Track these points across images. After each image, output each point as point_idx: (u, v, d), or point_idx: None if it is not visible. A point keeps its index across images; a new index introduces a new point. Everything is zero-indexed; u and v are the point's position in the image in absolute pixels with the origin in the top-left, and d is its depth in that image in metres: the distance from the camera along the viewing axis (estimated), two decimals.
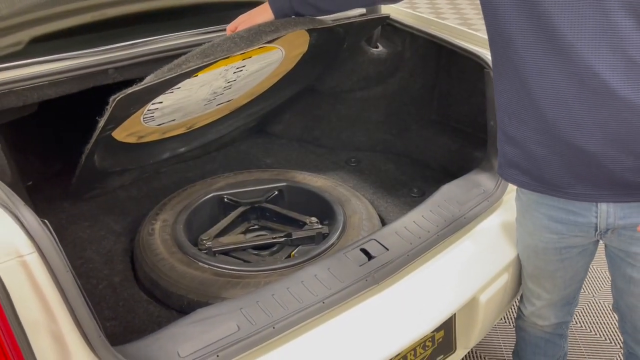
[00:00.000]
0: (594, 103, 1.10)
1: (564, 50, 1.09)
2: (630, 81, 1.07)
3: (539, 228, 1.37)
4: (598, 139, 1.13)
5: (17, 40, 1.57)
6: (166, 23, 1.72)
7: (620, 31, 1.04)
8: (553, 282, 1.46)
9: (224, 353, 1.13)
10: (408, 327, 1.31)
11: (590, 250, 1.41)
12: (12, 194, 0.98)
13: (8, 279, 0.93)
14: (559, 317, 1.56)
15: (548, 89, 1.14)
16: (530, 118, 1.20)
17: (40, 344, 0.97)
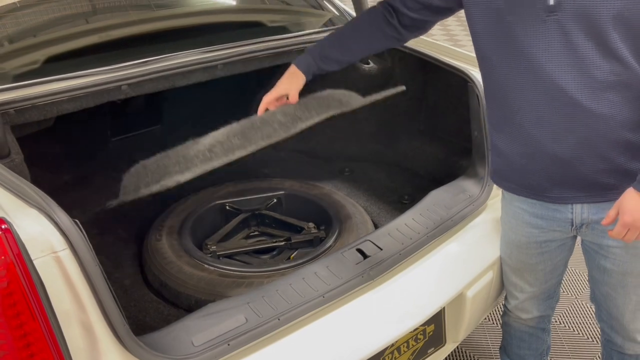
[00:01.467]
0: (565, 114, 1.25)
1: (536, 71, 1.25)
2: (592, 95, 1.21)
3: (521, 223, 1.50)
4: (572, 145, 1.28)
5: (34, 59, 1.68)
6: (174, 42, 1.83)
7: (582, 53, 1.19)
8: (535, 275, 1.58)
9: (235, 342, 1.24)
10: (401, 319, 1.43)
11: (569, 246, 1.53)
12: (47, 198, 1.09)
13: (44, 272, 1.03)
14: (540, 310, 1.67)
15: (525, 105, 1.30)
16: (510, 130, 1.36)
17: (71, 333, 1.07)
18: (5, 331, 0.99)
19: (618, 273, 1.42)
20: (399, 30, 1.52)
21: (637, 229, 1.24)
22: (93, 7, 1.91)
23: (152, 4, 2.05)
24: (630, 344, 1.54)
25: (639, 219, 1.23)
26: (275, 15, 2.33)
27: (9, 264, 0.98)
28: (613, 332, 1.55)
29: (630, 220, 1.23)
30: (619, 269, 1.41)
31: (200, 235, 1.92)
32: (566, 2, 1.18)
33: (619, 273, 1.42)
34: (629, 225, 1.24)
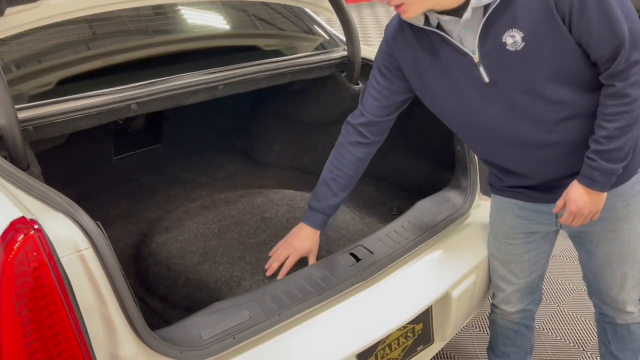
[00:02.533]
0: (530, 154, 1.47)
1: (493, 131, 1.47)
2: (547, 133, 1.42)
3: (511, 215, 1.66)
4: (543, 172, 1.51)
5: (50, 80, 1.82)
6: (178, 65, 1.98)
7: (528, 109, 1.39)
8: (521, 266, 1.73)
9: (239, 336, 1.35)
10: (391, 316, 1.55)
11: (551, 238, 1.70)
12: (72, 203, 1.21)
13: (69, 269, 1.14)
14: (524, 303, 1.81)
15: (492, 154, 1.57)
16: (492, 163, 1.62)
17: (92, 324, 1.18)
18: (37, 320, 1.10)
19: (603, 253, 1.60)
20: (373, 141, 1.70)
21: (581, 216, 1.45)
22: (103, 33, 2.06)
23: (155, 30, 2.20)
24: (620, 314, 1.71)
25: (583, 207, 1.43)
26: (270, 40, 2.49)
27: (41, 260, 1.09)
28: (604, 305, 1.72)
29: (576, 208, 1.44)
30: (603, 249, 1.59)
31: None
32: (498, 77, 1.37)
33: (603, 253, 1.60)
34: (575, 212, 1.45)
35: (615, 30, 1.26)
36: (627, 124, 1.33)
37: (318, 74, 2.29)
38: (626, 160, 1.41)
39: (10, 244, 1.08)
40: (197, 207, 2.20)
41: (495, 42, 1.33)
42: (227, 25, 2.49)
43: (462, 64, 1.40)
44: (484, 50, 1.35)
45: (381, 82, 1.60)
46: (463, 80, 1.42)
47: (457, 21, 1.35)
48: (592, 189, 1.42)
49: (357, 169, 1.73)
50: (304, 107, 2.58)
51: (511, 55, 1.32)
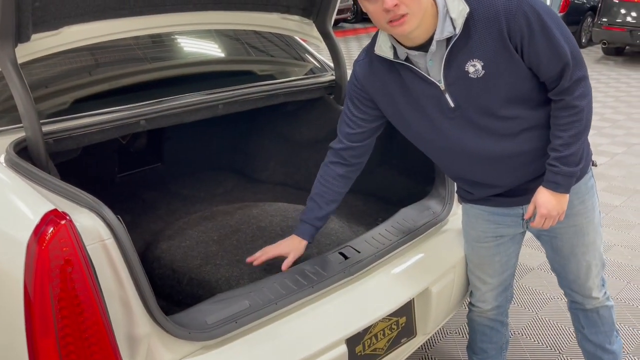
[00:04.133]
0: (497, 166, 1.65)
1: (457, 146, 1.64)
2: (512, 146, 1.61)
3: (481, 220, 1.84)
4: (509, 179, 1.69)
5: (65, 100, 2.01)
6: (182, 86, 2.18)
7: (491, 128, 1.58)
8: (493, 266, 1.90)
9: (241, 321, 1.51)
10: (377, 307, 1.72)
11: (518, 239, 1.88)
12: (96, 199, 1.38)
13: (94, 256, 1.31)
14: (498, 300, 1.99)
15: (461, 172, 1.76)
16: (464, 181, 1.81)
17: (113, 306, 1.34)
18: (67, 299, 1.26)
19: (567, 247, 1.79)
20: (353, 163, 1.86)
21: (551, 217, 1.62)
22: (114, 58, 2.26)
23: (161, 56, 2.40)
24: (588, 300, 1.90)
25: (551, 209, 1.60)
26: (265, 66, 2.70)
27: (73, 247, 1.26)
28: (573, 292, 1.91)
29: (545, 212, 1.61)
30: (567, 243, 1.78)
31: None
32: (463, 102, 1.55)
33: (567, 247, 1.79)
34: (545, 215, 1.62)
35: (560, 54, 1.47)
36: (579, 131, 1.55)
37: (309, 96, 2.50)
38: (582, 162, 1.61)
39: (45, 231, 1.25)
40: (197, 217, 2.36)
41: (458, 71, 1.51)
42: (226, 53, 2.70)
43: (429, 92, 1.57)
44: (449, 79, 1.53)
45: (354, 112, 1.76)
46: (431, 106, 1.59)
47: (424, 55, 1.53)
48: (557, 191, 1.59)
49: (340, 185, 1.88)
50: (296, 127, 2.78)
51: (473, 82, 1.51)
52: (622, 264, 3.32)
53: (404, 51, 1.56)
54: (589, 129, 1.58)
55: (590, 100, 1.54)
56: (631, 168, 4.73)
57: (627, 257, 3.41)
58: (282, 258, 1.82)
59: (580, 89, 1.50)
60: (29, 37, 1.68)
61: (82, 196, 1.39)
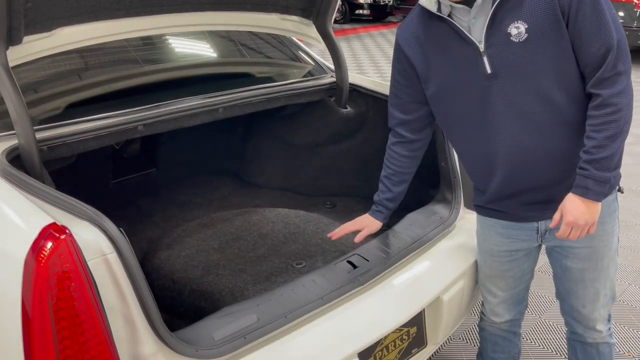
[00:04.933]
0: (517, 157, 1.55)
1: (489, 127, 1.54)
2: (537, 137, 1.50)
3: (494, 234, 1.75)
4: (527, 179, 1.58)
5: (58, 105, 1.92)
6: (180, 89, 2.10)
7: (522, 106, 1.47)
8: (505, 281, 1.81)
9: (250, 336, 1.44)
10: (388, 318, 1.66)
11: (534, 255, 1.78)
12: (97, 212, 1.30)
13: (95, 272, 1.23)
14: (511, 314, 1.89)
15: (483, 156, 1.61)
16: (478, 173, 1.69)
17: (116, 324, 1.27)
18: (68, 318, 1.18)
19: (577, 269, 1.67)
20: (419, 138, 1.79)
21: (578, 227, 1.47)
22: (108, 61, 2.18)
23: (156, 59, 2.32)
24: (590, 333, 1.77)
25: (579, 217, 1.46)
26: (263, 68, 2.63)
27: (73, 263, 1.18)
28: (575, 322, 1.79)
29: (572, 219, 1.47)
30: (578, 265, 1.67)
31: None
32: (501, 68, 1.46)
33: (577, 269, 1.67)
34: (572, 223, 1.47)
35: (605, 35, 1.37)
36: (614, 133, 1.41)
37: (309, 99, 2.43)
38: (617, 169, 1.48)
39: (44, 247, 1.17)
40: (196, 225, 2.29)
41: (500, 33, 1.43)
42: (222, 55, 2.63)
43: (467, 53, 1.48)
44: (490, 41, 1.44)
45: (399, 79, 1.69)
46: (466, 70, 1.50)
47: (467, 11, 1.46)
48: (587, 197, 1.45)
49: (404, 165, 1.82)
50: (295, 130, 2.71)
51: (513, 46, 1.42)
52: (623, 266, 3.29)
53: (448, 3, 1.48)
54: (626, 133, 1.45)
55: (631, 101, 1.42)
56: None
57: (628, 258, 3.38)
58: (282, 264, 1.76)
59: (620, 84, 1.40)
60: (21, 39, 1.60)
61: (82, 208, 1.31)
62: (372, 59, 9.57)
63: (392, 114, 1.77)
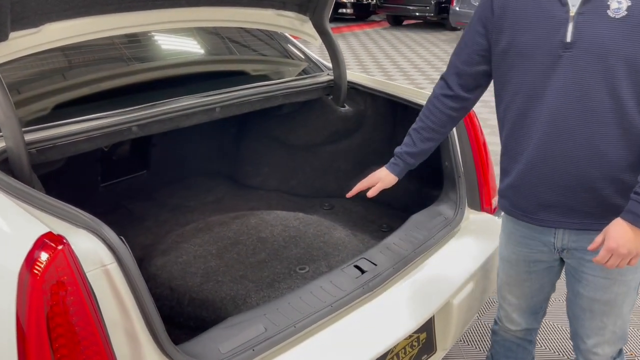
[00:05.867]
0: (562, 143, 1.40)
1: (544, 101, 1.39)
2: (589, 129, 1.35)
3: (513, 242, 1.65)
4: (563, 172, 1.42)
5: (44, 106, 1.82)
6: (174, 89, 2.01)
7: (588, 89, 1.33)
8: (522, 290, 1.70)
9: (259, 347, 1.36)
10: (399, 325, 1.59)
11: (556, 270, 1.64)
12: (95, 219, 1.21)
13: (94, 283, 1.15)
14: (527, 323, 1.78)
15: (530, 129, 1.45)
16: (515, 150, 1.51)
17: (117, 340, 1.18)
18: (66, 335, 1.09)
19: (587, 298, 1.55)
20: (464, 98, 1.62)
21: (619, 256, 1.33)
22: (99, 58, 2.08)
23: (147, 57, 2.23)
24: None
25: (622, 246, 1.31)
26: (258, 65, 2.55)
27: (71, 275, 1.09)
28: (577, 350, 1.67)
29: (615, 246, 1.32)
30: (588, 294, 1.54)
31: None
32: (582, 41, 1.32)
33: (588, 298, 1.55)
34: (613, 250, 1.32)
35: None
36: None
37: (307, 97, 2.36)
38: None
39: (39, 258, 1.08)
40: (192, 230, 2.20)
41: (600, 3, 1.30)
42: (216, 52, 2.54)
43: (554, 14, 1.35)
44: (584, 8, 1.32)
45: (476, 27, 1.53)
46: (545, 31, 1.36)
47: None
48: (637, 225, 1.31)
49: (440, 122, 1.66)
50: (292, 130, 2.64)
51: (607, 22, 1.29)
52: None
53: None
54: None
55: None
56: None
57: None
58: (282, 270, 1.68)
59: None
60: (7, 35, 1.51)
61: (79, 215, 1.22)
62: (357, 58, 9.53)
63: (452, 61, 1.61)
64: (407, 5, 12.72)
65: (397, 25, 13.84)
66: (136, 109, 1.80)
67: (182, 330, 1.73)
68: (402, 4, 12.80)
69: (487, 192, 2.12)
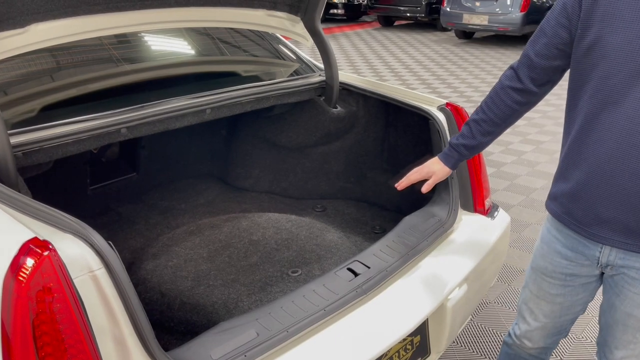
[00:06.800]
0: (633, 159, 1.29)
1: (623, 113, 1.29)
2: None
3: (552, 251, 1.56)
4: (629, 189, 1.32)
5: (30, 108, 1.78)
6: (163, 90, 1.98)
7: None
8: (552, 307, 1.62)
9: (250, 353, 1.34)
10: (393, 329, 1.57)
11: (592, 287, 1.56)
12: (82, 223, 1.18)
13: (82, 290, 1.12)
14: (547, 343, 1.71)
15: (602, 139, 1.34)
16: (581, 159, 1.40)
17: (105, 347, 1.15)
18: (53, 343, 1.06)
19: (623, 312, 1.48)
20: (532, 92, 1.52)
21: None
22: (87, 59, 2.04)
23: (137, 57, 2.20)
24: None
25: None
26: (249, 66, 2.52)
27: (58, 281, 1.06)
28: (603, 359, 1.60)
29: None
30: (626, 309, 1.47)
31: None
32: None
33: (624, 312, 1.48)
34: None
35: None
36: None
37: (299, 98, 2.34)
38: None
39: (24, 265, 1.05)
40: (182, 233, 2.17)
41: None
42: (206, 52, 2.51)
43: None
44: None
45: (558, 17, 1.40)
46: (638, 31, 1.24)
47: None
48: None
49: (504, 116, 1.56)
50: (283, 131, 2.61)
51: None
52: None
53: None
54: None
55: None
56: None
57: None
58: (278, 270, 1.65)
59: None
60: None
61: (65, 219, 1.19)
62: (348, 59, 9.51)
63: (526, 52, 1.49)
64: (398, 6, 12.74)
65: (388, 26, 13.86)
66: (125, 111, 1.77)
67: (173, 335, 1.70)
68: (393, 5, 12.82)
69: (480, 193, 2.11)
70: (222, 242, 2.07)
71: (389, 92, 2.30)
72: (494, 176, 4.53)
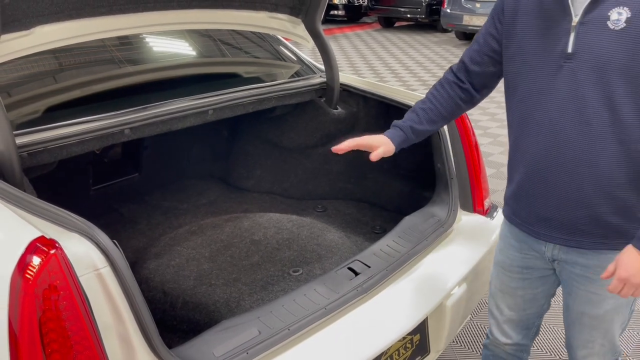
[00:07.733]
0: (559, 153, 1.37)
1: (544, 111, 1.37)
2: (587, 142, 1.33)
3: (507, 245, 1.63)
4: (561, 185, 1.39)
5: (35, 109, 1.81)
6: (166, 92, 2.00)
7: (587, 101, 1.31)
8: (514, 300, 1.67)
9: (253, 351, 1.36)
10: (393, 327, 1.59)
11: (550, 281, 1.60)
12: (87, 222, 1.20)
13: (87, 288, 1.14)
14: (518, 337, 1.74)
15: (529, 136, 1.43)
16: (518, 158, 1.49)
17: (110, 344, 1.17)
18: (59, 340, 1.08)
19: (577, 311, 1.54)
20: (472, 94, 1.60)
21: (632, 285, 1.29)
22: (90, 61, 2.07)
23: (140, 59, 2.22)
24: None
25: (634, 275, 1.27)
26: (252, 67, 2.55)
27: (64, 279, 1.09)
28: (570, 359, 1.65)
29: (626, 275, 1.28)
30: (578, 307, 1.53)
31: None
32: (582, 51, 1.30)
33: (577, 311, 1.53)
34: (625, 280, 1.28)
35: None
36: None
37: (300, 99, 2.36)
38: None
39: (31, 263, 1.07)
40: (184, 232, 2.19)
41: (600, 13, 1.28)
42: (208, 54, 2.54)
43: (558, 23, 1.34)
44: (585, 18, 1.30)
45: (489, 28, 1.51)
46: (551, 41, 1.35)
47: None
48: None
49: (449, 108, 1.61)
50: (284, 132, 2.64)
51: (606, 33, 1.27)
52: None
53: None
54: None
55: None
56: None
57: None
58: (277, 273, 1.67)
59: None
60: None
61: (71, 219, 1.21)
62: (349, 60, 9.54)
63: (462, 58, 1.59)
64: (398, 7, 12.75)
65: (388, 27, 13.88)
66: (128, 112, 1.79)
67: (175, 333, 1.73)
68: (394, 6, 12.84)
69: (479, 193, 2.13)
70: (224, 241, 2.09)
71: (389, 93, 2.33)
72: (493, 177, 4.54)
